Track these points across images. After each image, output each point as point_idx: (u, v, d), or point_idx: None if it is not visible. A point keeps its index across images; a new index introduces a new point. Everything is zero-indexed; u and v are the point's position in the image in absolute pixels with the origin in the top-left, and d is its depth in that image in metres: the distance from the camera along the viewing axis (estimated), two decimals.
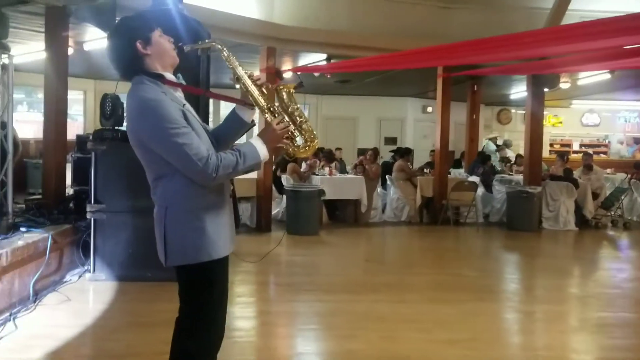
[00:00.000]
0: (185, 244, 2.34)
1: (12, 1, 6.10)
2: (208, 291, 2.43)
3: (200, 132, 2.33)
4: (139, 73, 2.34)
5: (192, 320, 2.44)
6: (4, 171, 5.61)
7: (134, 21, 2.39)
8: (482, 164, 11.29)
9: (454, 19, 9.86)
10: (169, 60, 2.42)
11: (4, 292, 4.55)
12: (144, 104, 2.25)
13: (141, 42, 2.32)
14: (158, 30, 2.38)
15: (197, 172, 2.23)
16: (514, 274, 6.96)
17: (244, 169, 2.32)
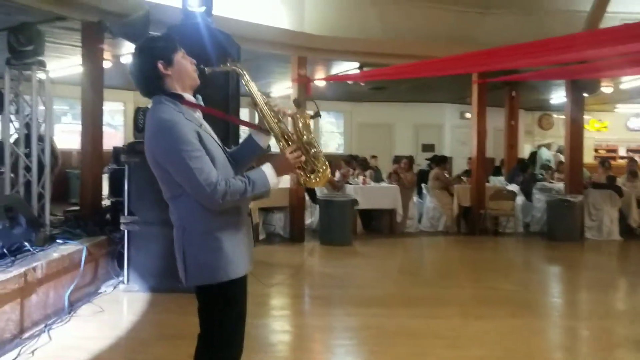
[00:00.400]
0: (203, 265, 2.35)
1: (49, 18, 6.28)
2: (227, 310, 2.43)
3: (216, 153, 2.34)
4: (158, 92, 2.37)
5: (212, 338, 2.45)
6: (41, 184, 5.75)
7: (158, 41, 2.42)
8: (522, 172, 11.03)
9: (488, 24, 9.68)
10: (189, 82, 2.43)
11: (39, 303, 4.64)
12: (160, 124, 2.27)
13: (163, 63, 2.34)
14: (181, 52, 2.40)
15: (204, 196, 2.25)
16: (553, 288, 6.74)
17: (252, 196, 2.34)
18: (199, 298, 2.44)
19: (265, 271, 6.66)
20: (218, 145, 2.41)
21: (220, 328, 2.43)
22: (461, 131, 16.17)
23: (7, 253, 4.51)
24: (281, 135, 2.46)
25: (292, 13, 8.61)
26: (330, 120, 17.64)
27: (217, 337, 2.44)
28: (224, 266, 2.35)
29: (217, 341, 2.44)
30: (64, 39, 7.53)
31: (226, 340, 2.45)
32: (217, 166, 2.31)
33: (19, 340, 4.23)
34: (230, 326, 2.45)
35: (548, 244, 9.16)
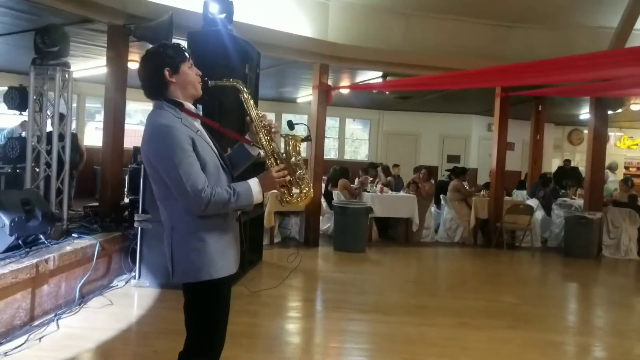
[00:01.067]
0: (188, 263, 2.47)
1: (77, 20, 6.54)
2: (209, 308, 2.54)
3: (208, 159, 2.45)
4: (160, 97, 2.50)
5: (194, 334, 2.57)
6: (60, 179, 5.99)
7: (168, 49, 2.54)
8: (543, 187, 10.92)
9: (514, 38, 9.65)
10: (192, 92, 2.56)
11: (50, 294, 4.86)
12: (156, 128, 2.40)
13: (169, 70, 2.47)
14: (189, 62, 2.54)
15: (187, 201, 2.38)
16: (558, 303, 6.65)
17: (235, 207, 2.46)
18: (184, 294, 2.56)
19: (278, 274, 6.80)
20: (213, 152, 2.52)
21: (202, 325, 2.54)
22: (488, 143, 16.10)
23: (21, 244, 4.73)
24: (271, 153, 2.59)
25: (316, 21, 8.74)
26: (357, 127, 17.74)
27: (198, 333, 2.55)
28: (207, 266, 2.45)
29: (198, 337, 2.55)
30: (91, 40, 7.81)
31: (207, 337, 2.56)
32: (208, 172, 2.42)
33: (28, 327, 4.44)
34: (212, 323, 2.56)
35: (563, 260, 9.06)
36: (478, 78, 8.51)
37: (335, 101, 10.67)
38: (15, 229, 4.63)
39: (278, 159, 2.59)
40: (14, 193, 5.15)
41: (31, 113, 5.91)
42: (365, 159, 16.21)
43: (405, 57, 9.09)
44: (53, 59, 5.83)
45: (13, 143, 6.07)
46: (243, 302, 5.52)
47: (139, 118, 15.46)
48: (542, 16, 9.42)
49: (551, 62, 7.45)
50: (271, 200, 8.05)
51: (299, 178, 2.60)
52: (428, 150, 16.31)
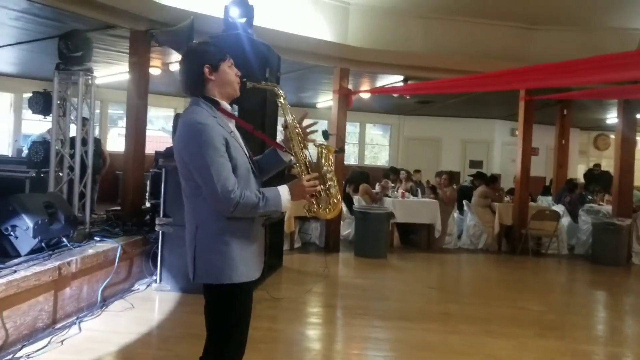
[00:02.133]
0: (210, 265, 2.44)
1: (100, 26, 6.61)
2: (228, 312, 2.51)
3: (239, 162, 2.43)
4: (198, 94, 2.49)
5: (212, 337, 2.54)
6: (83, 183, 6.03)
7: (209, 46, 2.54)
8: (569, 192, 10.73)
9: (536, 40, 9.51)
10: (229, 91, 2.55)
11: (72, 296, 4.88)
12: (191, 125, 2.38)
13: (209, 68, 2.47)
14: (229, 61, 2.53)
15: (217, 201, 2.35)
16: (586, 311, 6.50)
17: (263, 212, 2.43)
18: (205, 296, 2.54)
19: (298, 279, 6.76)
20: (245, 155, 2.50)
21: (220, 328, 2.52)
22: (511, 148, 15.90)
23: (44, 247, 4.76)
24: (303, 161, 2.56)
25: (336, 25, 8.72)
26: (378, 133, 17.67)
27: (216, 337, 2.53)
28: (229, 269, 2.42)
29: (216, 340, 2.53)
30: (113, 46, 7.89)
31: (224, 341, 2.52)
32: (238, 175, 2.40)
33: (50, 330, 4.47)
34: (231, 327, 2.52)
35: (591, 268, 8.86)
36: (501, 80, 8.38)
37: (355, 106, 10.64)
38: (39, 232, 4.66)
39: (309, 167, 2.56)
40: (37, 196, 5.20)
41: (55, 118, 5.97)
42: (386, 164, 16.12)
43: (426, 60, 9.01)
44: (76, 64, 5.89)
45: (37, 147, 6.13)
46: (263, 306, 5.49)
47: (161, 124, 15.61)
48: (566, 17, 9.28)
49: (578, 62, 7.31)
50: (291, 205, 8.00)
51: (328, 189, 2.57)
52: (450, 156, 16.16)
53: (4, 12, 6.36)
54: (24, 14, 6.42)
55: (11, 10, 6.28)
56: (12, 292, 3.94)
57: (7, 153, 11.67)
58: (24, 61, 9.92)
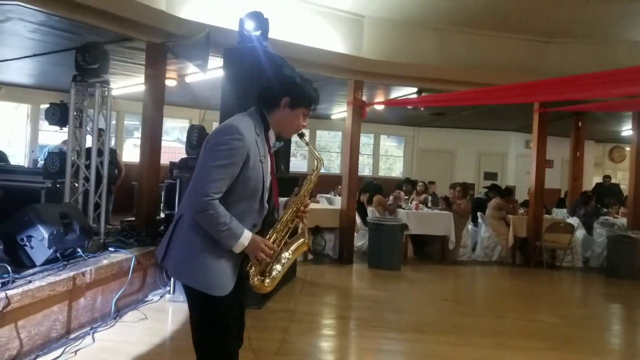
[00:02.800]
0: (179, 258, 2.48)
1: (117, 38, 6.69)
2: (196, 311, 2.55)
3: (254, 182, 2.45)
4: (261, 108, 2.55)
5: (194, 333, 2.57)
6: (98, 194, 6.08)
7: (305, 87, 2.55)
8: (584, 205, 10.63)
9: (552, 53, 9.48)
10: (284, 131, 2.61)
11: (86, 307, 4.91)
12: (230, 128, 2.42)
13: (288, 101, 2.51)
14: (306, 110, 2.57)
15: (193, 194, 2.40)
16: (602, 324, 6.41)
17: (219, 236, 2.39)
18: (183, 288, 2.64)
19: (311, 290, 6.74)
20: (261, 182, 2.49)
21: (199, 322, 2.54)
22: (526, 160, 15.80)
23: (59, 257, 4.79)
24: (280, 229, 2.58)
25: (350, 37, 8.75)
26: (392, 144, 17.66)
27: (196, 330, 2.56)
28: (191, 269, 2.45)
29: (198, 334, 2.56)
30: (130, 58, 7.98)
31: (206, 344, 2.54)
32: (241, 193, 2.42)
33: (64, 340, 4.49)
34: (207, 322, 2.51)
35: (606, 280, 8.76)
36: (515, 93, 8.36)
37: (370, 118, 10.65)
38: (54, 242, 4.70)
39: (279, 240, 2.57)
40: (53, 207, 5.24)
41: (71, 128, 6.03)
42: (400, 175, 16.10)
43: (440, 73, 9.02)
44: (93, 76, 5.96)
45: (53, 158, 6.19)
46: (276, 317, 5.48)
47: (176, 135, 15.72)
48: (580, 30, 9.23)
49: (592, 76, 7.27)
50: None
51: (271, 271, 2.56)
52: (464, 168, 16.10)
53: (21, 24, 6.47)
54: (42, 26, 6.52)
55: (29, 22, 6.38)
56: (27, 302, 3.96)
57: (24, 163, 11.82)
58: (41, 73, 10.07)
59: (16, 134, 13.04)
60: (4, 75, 10.63)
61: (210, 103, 7.96)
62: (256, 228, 2.55)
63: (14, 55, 8.42)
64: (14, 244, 4.58)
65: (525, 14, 8.83)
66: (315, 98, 2.58)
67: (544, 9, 8.69)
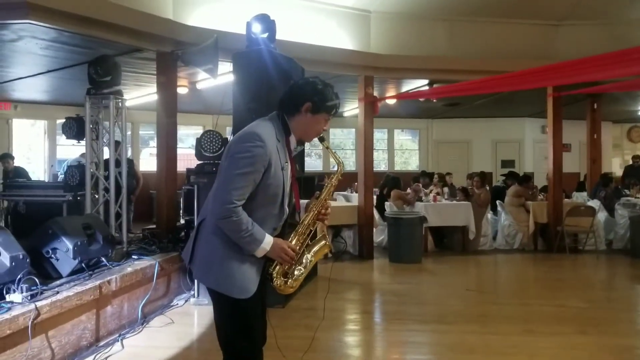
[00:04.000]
0: (202, 260, 2.54)
1: (127, 50, 6.78)
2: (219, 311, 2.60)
3: (274, 188, 2.49)
4: (283, 113, 2.59)
5: (219, 330, 2.63)
6: (119, 203, 6.17)
7: (326, 92, 2.58)
8: (604, 187, 10.52)
9: (563, 36, 9.40)
10: (304, 136, 2.65)
11: (114, 314, 4.99)
12: (251, 135, 2.46)
13: (310, 106, 2.54)
14: (328, 115, 2.60)
15: (217, 202, 2.43)
16: (627, 306, 6.34)
17: (242, 242, 2.44)
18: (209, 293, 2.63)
19: (334, 287, 6.77)
20: (281, 188, 2.53)
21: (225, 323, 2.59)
22: (543, 146, 15.64)
23: (85, 267, 4.87)
24: (302, 232, 2.62)
25: (358, 33, 8.76)
26: (407, 138, 17.62)
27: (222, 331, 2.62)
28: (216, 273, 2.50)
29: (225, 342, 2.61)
30: (141, 68, 8.08)
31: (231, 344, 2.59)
32: (262, 199, 2.47)
33: (94, 348, 4.57)
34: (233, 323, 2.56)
35: (631, 262, 8.67)
36: (528, 79, 8.30)
37: (382, 112, 10.62)
38: (79, 253, 4.78)
39: (300, 243, 2.61)
40: (75, 219, 5.33)
41: (88, 141, 6.14)
42: (416, 169, 16.05)
43: (451, 63, 8.99)
44: (106, 88, 6.06)
45: (73, 171, 6.31)
46: (300, 315, 5.52)
47: (191, 142, 15.85)
48: (591, 12, 9.14)
49: (604, 56, 7.19)
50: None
51: (294, 272, 2.60)
52: (481, 157, 16.00)
53: (33, 42, 6.58)
54: (53, 42, 6.63)
55: (41, 40, 6.49)
56: (56, 313, 4.05)
57: (44, 179, 12.01)
58: (56, 88, 10.22)
59: (34, 151, 13.26)
60: (20, 93, 10.81)
61: (223, 108, 8.02)
62: (276, 232, 2.59)
63: (28, 73, 8.57)
64: (40, 257, 4.68)
65: None
66: (337, 103, 2.61)
67: None
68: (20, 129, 12.83)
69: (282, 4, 7.80)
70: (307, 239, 2.63)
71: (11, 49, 6.90)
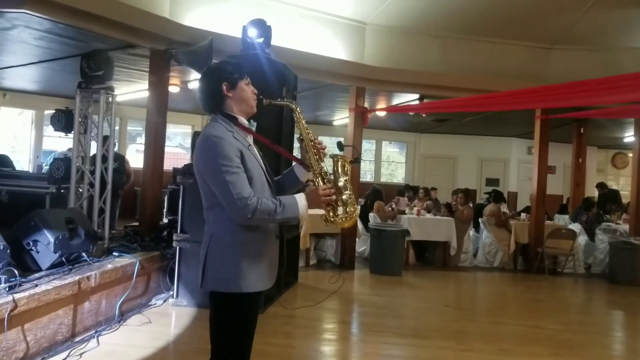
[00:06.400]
0: (220, 273, 2.52)
1: (121, 45, 6.76)
2: (232, 322, 2.56)
3: (255, 173, 2.52)
4: (217, 111, 2.60)
5: (215, 345, 2.60)
6: (102, 200, 6.14)
7: (227, 65, 2.65)
8: (585, 211, 10.64)
9: (554, 59, 9.53)
10: (247, 109, 2.65)
11: (91, 310, 4.96)
12: (207, 139, 2.48)
13: (227, 85, 2.57)
14: (246, 79, 2.64)
15: (234, 210, 2.43)
16: (602, 331, 6.41)
17: (281, 219, 2.49)
18: (210, 305, 2.60)
19: (313, 295, 6.78)
20: (261, 168, 2.58)
21: (225, 338, 2.56)
22: (528, 166, 15.80)
23: (65, 262, 4.85)
24: (319, 172, 2.64)
25: (352, 44, 8.81)
26: (394, 150, 17.71)
27: (220, 347, 2.58)
28: (238, 279, 2.49)
29: (220, 350, 2.58)
30: (134, 64, 8.06)
31: (229, 349, 2.57)
32: (254, 186, 2.48)
33: (69, 343, 4.54)
34: (234, 338, 2.56)
35: (608, 287, 8.77)
36: (517, 99, 8.41)
37: (372, 124, 10.71)
38: (60, 247, 4.76)
39: (325, 178, 2.64)
40: (59, 212, 5.30)
41: (76, 135, 6.10)
42: (402, 181, 16.13)
43: (442, 79, 9.07)
44: (98, 82, 6.03)
45: (58, 164, 6.26)
46: (278, 322, 5.52)
47: (178, 141, 15.81)
48: (583, 37, 9.28)
49: (594, 82, 7.31)
50: (307, 222, 8.05)
51: (345, 199, 2.63)
52: (466, 173, 16.13)
53: (27, 31, 6.54)
54: (47, 33, 6.59)
55: (35, 30, 6.45)
56: (33, 306, 4.02)
57: (28, 169, 11.89)
58: (46, 79, 10.14)
59: (19, 140, 13.13)
60: (9, 82, 10.71)
61: None
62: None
63: (19, 62, 8.50)
64: (20, 249, 4.65)
65: (527, 20, 8.88)
66: (238, 63, 2.66)
67: (546, 16, 8.74)
68: (7, 117, 12.70)
69: (279, 10, 7.83)
70: (327, 173, 2.65)
71: (4, 37, 6.85)
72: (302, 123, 2.70)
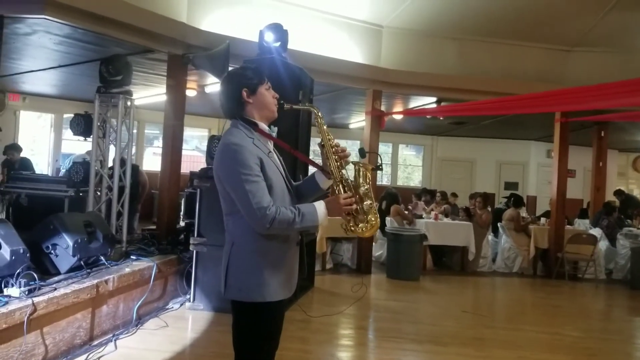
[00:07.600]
0: (242, 281, 2.50)
1: (139, 50, 6.81)
2: (255, 329, 2.54)
3: (275, 181, 2.50)
4: (237, 117, 2.58)
5: (241, 354, 2.57)
6: (121, 203, 6.17)
7: (246, 70, 2.64)
8: (607, 216, 10.48)
9: (574, 62, 9.40)
10: (268, 114, 2.63)
11: (109, 314, 4.98)
12: (226, 147, 2.46)
13: (247, 91, 2.55)
14: (266, 84, 2.61)
15: (253, 219, 2.41)
16: (624, 338, 6.29)
17: (300, 227, 2.46)
18: (233, 313, 2.58)
19: (330, 300, 6.75)
20: (281, 175, 2.56)
21: (249, 346, 2.54)
22: (547, 170, 15.61)
23: (83, 265, 4.87)
24: (339, 180, 2.60)
25: (369, 47, 8.78)
26: (411, 153, 17.62)
27: (244, 353, 2.55)
28: (260, 287, 2.47)
29: (240, 356, 2.56)
30: (152, 69, 8.11)
31: (249, 358, 2.55)
32: (274, 194, 2.46)
33: (87, 347, 4.56)
34: (258, 346, 2.54)
35: (630, 293, 8.63)
36: (536, 103, 8.30)
37: (388, 127, 10.64)
38: (78, 250, 4.78)
39: (346, 186, 2.60)
40: (77, 215, 5.34)
41: (95, 139, 6.15)
42: (419, 185, 16.04)
43: (459, 82, 9.00)
44: (116, 87, 6.08)
45: (77, 167, 6.32)
46: (294, 327, 5.50)
47: (195, 144, 15.88)
48: (603, 40, 9.15)
49: (615, 85, 7.20)
50: (324, 225, 8.00)
51: (366, 208, 2.60)
52: (484, 177, 15.99)
53: (47, 37, 6.61)
54: (67, 38, 6.66)
55: (55, 35, 6.52)
56: (52, 309, 4.04)
57: (47, 172, 12.02)
58: (65, 83, 10.26)
59: (38, 143, 13.29)
60: (29, 86, 10.85)
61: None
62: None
63: (39, 67, 8.60)
64: (39, 252, 4.68)
65: (546, 23, 8.78)
66: (259, 69, 2.65)
67: (565, 18, 8.64)
68: (26, 121, 12.86)
69: (295, 14, 7.83)
70: (348, 180, 2.61)
71: (25, 42, 6.93)
72: (323, 128, 2.65)
